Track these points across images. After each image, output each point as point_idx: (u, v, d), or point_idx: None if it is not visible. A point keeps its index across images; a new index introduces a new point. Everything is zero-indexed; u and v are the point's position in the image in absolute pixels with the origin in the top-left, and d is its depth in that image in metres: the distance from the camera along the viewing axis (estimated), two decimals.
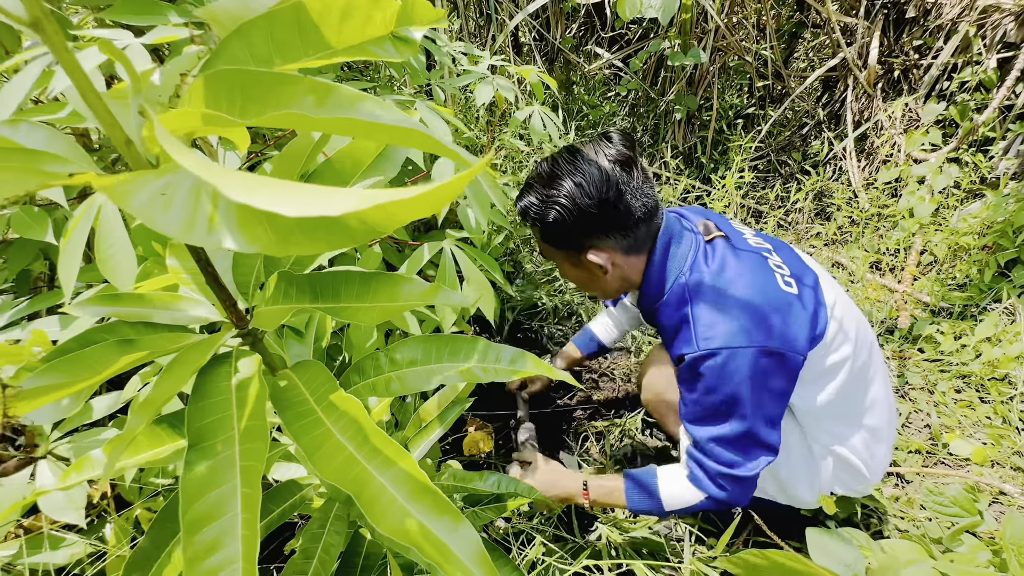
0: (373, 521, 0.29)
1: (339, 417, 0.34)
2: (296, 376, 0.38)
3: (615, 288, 1.04)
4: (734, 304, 0.91)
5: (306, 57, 0.38)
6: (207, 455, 0.31)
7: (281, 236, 0.22)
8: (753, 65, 3.01)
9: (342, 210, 0.16)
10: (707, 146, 2.96)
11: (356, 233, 0.20)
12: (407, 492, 0.30)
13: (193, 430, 0.31)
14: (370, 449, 0.32)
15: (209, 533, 0.29)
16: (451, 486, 0.62)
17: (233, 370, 0.35)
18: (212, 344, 0.36)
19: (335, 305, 0.34)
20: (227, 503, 0.30)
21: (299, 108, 0.28)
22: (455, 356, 0.49)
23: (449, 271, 0.81)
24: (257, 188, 0.17)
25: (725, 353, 0.88)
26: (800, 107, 3.35)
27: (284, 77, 0.28)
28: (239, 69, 0.27)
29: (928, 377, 1.72)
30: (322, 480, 0.30)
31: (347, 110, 0.28)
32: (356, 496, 0.30)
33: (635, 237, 0.95)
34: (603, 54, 3.49)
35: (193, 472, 0.30)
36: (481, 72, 1.47)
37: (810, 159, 3.01)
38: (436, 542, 0.29)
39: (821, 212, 2.63)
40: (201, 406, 0.33)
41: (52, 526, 0.69)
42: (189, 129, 0.29)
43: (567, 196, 0.90)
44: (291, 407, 0.35)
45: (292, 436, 0.32)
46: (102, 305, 0.40)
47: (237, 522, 0.30)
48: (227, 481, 0.31)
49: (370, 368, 0.48)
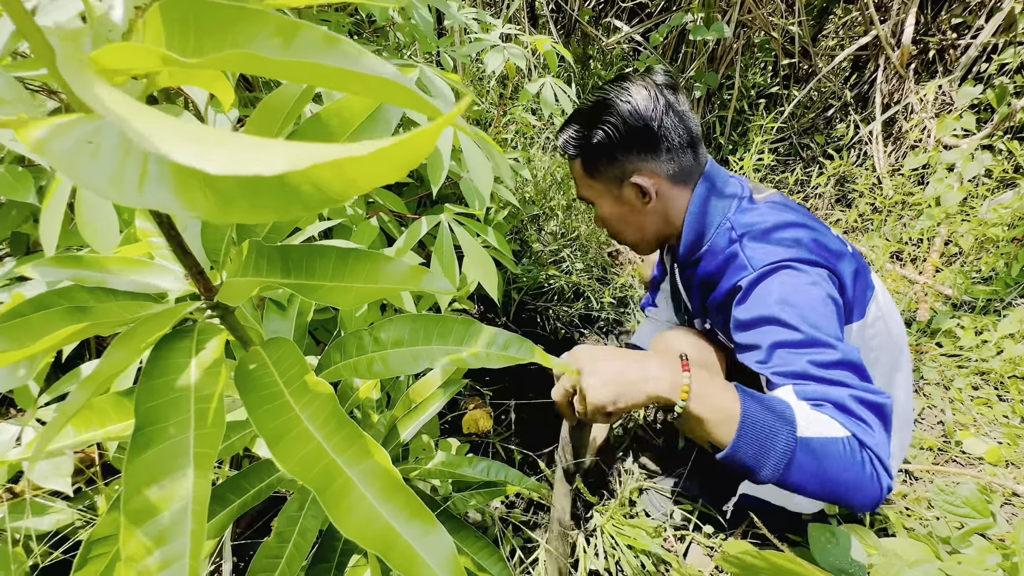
0: (337, 521, 0.25)
1: (309, 402, 0.31)
2: (267, 355, 0.35)
3: (657, 229, 0.98)
4: (790, 237, 0.84)
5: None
6: (157, 439, 0.28)
7: (222, 200, 0.18)
8: (779, 42, 2.88)
9: (276, 168, 0.12)
10: (726, 126, 2.85)
11: (309, 199, 0.16)
12: (377, 489, 0.27)
13: (143, 411, 0.28)
14: (341, 439, 0.29)
15: (154, 526, 0.26)
16: (440, 471, 0.59)
17: (195, 345, 0.32)
18: (172, 316, 0.33)
19: (308, 282, 0.31)
20: (177, 493, 0.27)
21: (262, 48, 0.23)
22: (444, 338, 0.45)
23: (446, 247, 0.77)
24: (180, 137, 0.14)
25: (785, 263, 0.79)
26: (827, 87, 3.21)
27: (247, 11, 0.23)
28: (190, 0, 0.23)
29: (945, 372, 1.66)
30: (283, 469, 0.27)
31: (317, 54, 0.23)
32: (321, 491, 0.27)
33: (680, 164, 0.92)
34: (622, 27, 3.36)
35: (140, 458, 0.27)
36: (492, 39, 1.40)
37: (834, 143, 2.89)
38: (405, 548, 0.26)
39: (842, 198, 2.54)
40: (154, 384, 0.30)
41: (38, 492, 0.68)
42: (131, 69, 0.25)
43: (614, 114, 0.89)
44: (257, 389, 0.32)
45: (255, 421, 0.29)
46: (58, 267, 0.37)
47: (188, 514, 0.27)
48: (178, 468, 0.28)
49: (352, 347, 0.45)
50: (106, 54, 0.23)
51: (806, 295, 0.77)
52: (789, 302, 0.76)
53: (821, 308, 0.76)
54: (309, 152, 0.13)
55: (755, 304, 0.80)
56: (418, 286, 0.32)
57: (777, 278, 0.80)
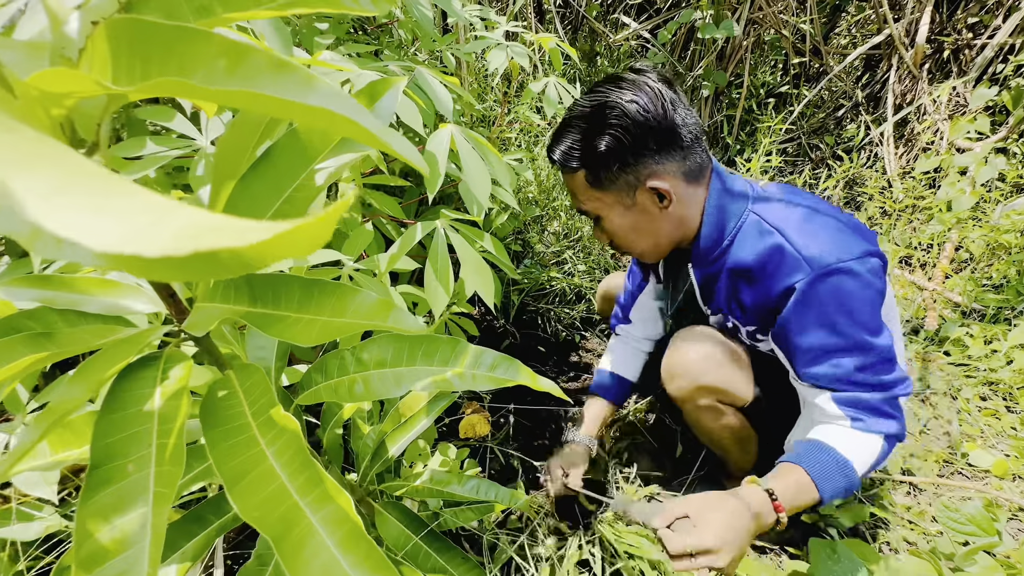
0: (293, 570, 0.24)
1: (276, 437, 0.30)
2: (238, 382, 0.33)
3: (670, 234, 0.92)
4: (823, 225, 0.83)
5: (257, 7, 0.32)
6: (115, 478, 0.27)
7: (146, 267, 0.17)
8: (790, 40, 2.83)
9: (159, 250, 0.11)
10: (734, 126, 2.81)
11: (231, 266, 0.14)
12: (339, 538, 0.25)
13: (100, 447, 0.27)
14: (304, 480, 0.27)
15: (109, 570, 0.25)
16: (428, 489, 0.58)
17: (160, 375, 0.31)
18: (139, 342, 0.31)
19: (273, 312, 0.29)
20: (132, 536, 0.26)
21: (207, 73, 0.22)
22: (429, 359, 0.44)
23: (441, 253, 0.76)
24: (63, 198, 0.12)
25: (841, 267, 0.79)
26: (838, 87, 3.16)
27: (190, 32, 0.22)
28: (133, 19, 0.22)
29: (952, 382, 1.63)
30: (240, 515, 0.26)
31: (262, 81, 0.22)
32: (279, 539, 0.25)
33: (694, 160, 0.87)
34: (630, 23, 3.32)
35: (94, 499, 0.26)
36: (496, 38, 1.38)
37: (844, 144, 2.85)
38: None
39: (851, 201, 2.50)
40: (114, 418, 0.28)
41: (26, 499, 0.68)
42: (73, 93, 0.24)
43: (621, 116, 0.82)
44: (223, 422, 0.30)
45: (215, 457, 0.28)
46: (27, 287, 0.36)
47: (144, 559, 0.25)
48: (135, 508, 0.26)
49: (334, 368, 0.43)
50: (43, 79, 0.21)
51: (859, 300, 0.80)
52: (843, 310, 0.80)
53: (870, 309, 0.81)
54: (198, 234, 0.11)
55: (809, 309, 0.82)
56: (386, 321, 0.30)
57: (833, 282, 0.79)
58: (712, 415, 1.00)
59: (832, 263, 0.79)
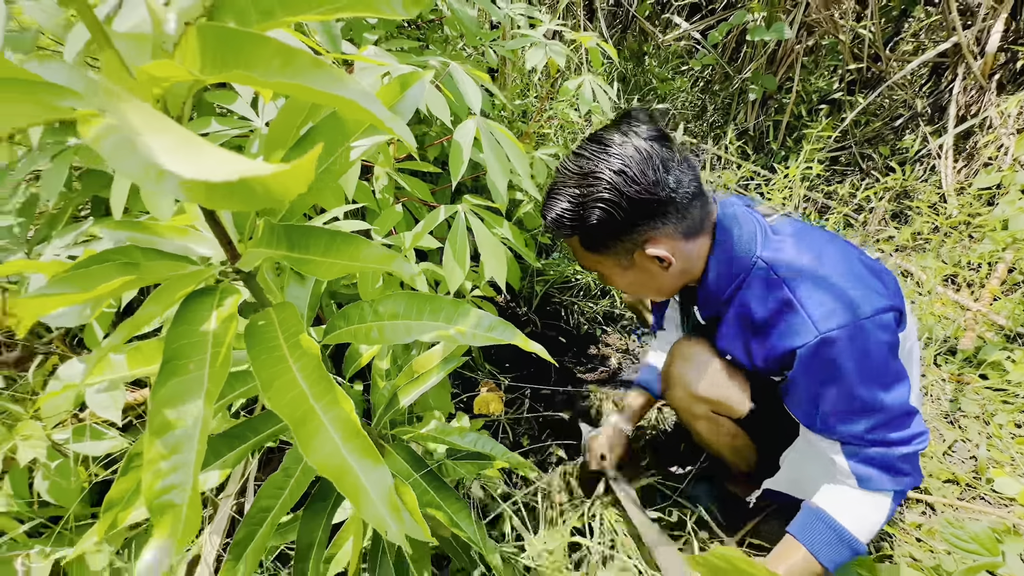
0: (305, 452, 0.32)
1: (300, 356, 0.37)
2: (275, 314, 0.41)
3: (675, 284, 0.92)
4: (834, 274, 0.81)
5: (310, 10, 0.40)
6: (179, 372, 0.35)
7: (209, 193, 0.24)
8: (847, 45, 2.73)
9: (221, 177, 0.18)
10: (780, 132, 2.75)
11: (260, 197, 0.21)
12: (342, 432, 0.33)
13: (171, 349, 0.36)
14: (320, 389, 0.35)
15: (171, 439, 0.33)
16: (431, 436, 0.65)
17: (217, 302, 0.39)
18: (201, 275, 0.40)
19: (303, 256, 0.37)
20: (190, 415, 0.34)
21: (266, 68, 0.29)
22: (435, 316, 0.51)
23: (460, 236, 0.83)
24: (170, 149, 0.19)
25: (849, 329, 0.77)
26: (898, 96, 3.03)
27: (256, 38, 0.29)
28: (216, 25, 0.29)
29: (986, 407, 1.58)
30: (271, 408, 0.34)
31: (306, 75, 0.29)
32: (298, 427, 0.33)
33: (692, 217, 0.84)
34: (681, 24, 3.28)
35: (166, 385, 0.34)
36: (535, 36, 1.44)
37: (898, 155, 2.73)
38: (355, 479, 0.32)
39: (899, 214, 2.41)
40: (182, 330, 0.37)
41: (97, 421, 0.80)
42: (171, 78, 0.32)
43: (609, 188, 0.79)
44: (262, 343, 0.38)
45: (255, 367, 0.36)
46: (120, 229, 0.45)
47: (196, 433, 0.34)
48: (193, 398, 0.35)
49: (355, 316, 0.51)
50: (153, 68, 0.29)
51: (870, 359, 0.79)
52: (852, 372, 0.78)
53: (882, 365, 0.80)
54: (239, 167, 0.18)
55: (816, 372, 0.80)
56: (389, 266, 0.37)
57: (841, 345, 0.77)
58: (707, 424, 1.03)
59: (840, 324, 0.77)
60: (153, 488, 0.32)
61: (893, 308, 0.81)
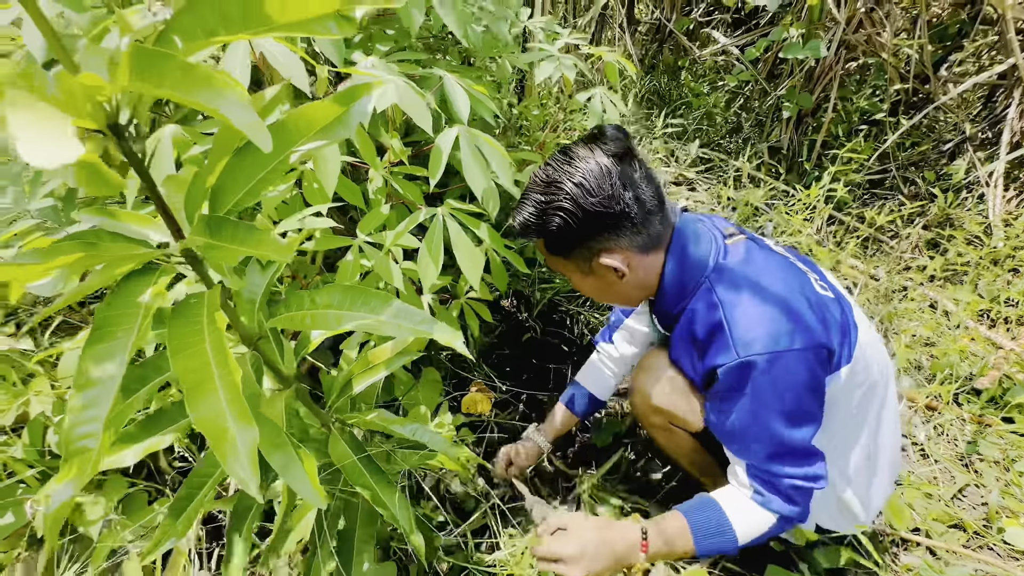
0: (192, 410, 0.37)
1: (214, 331, 0.43)
2: (207, 295, 0.47)
3: (633, 295, 0.97)
4: (769, 301, 0.83)
5: (246, 30, 0.45)
6: (107, 339, 0.41)
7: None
8: (892, 64, 2.62)
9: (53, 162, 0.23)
10: (815, 151, 2.66)
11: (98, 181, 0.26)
12: (228, 395, 0.38)
13: (103, 317, 0.42)
14: (220, 359, 0.40)
15: (90, 393, 0.39)
16: (372, 422, 0.70)
17: (154, 279, 0.45)
18: (142, 256, 0.46)
19: (216, 243, 0.42)
20: (108, 376, 0.40)
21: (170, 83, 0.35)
22: (366, 307, 0.55)
23: (436, 235, 0.88)
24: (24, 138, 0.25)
25: (767, 357, 0.80)
26: (947, 119, 2.87)
27: (165, 56, 0.35)
28: (141, 47, 0.35)
29: (1008, 452, 1.48)
30: (175, 371, 0.39)
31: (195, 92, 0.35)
32: (193, 388, 0.38)
33: (649, 232, 0.88)
34: (720, 39, 3.24)
35: (94, 348, 0.40)
36: (550, 50, 1.47)
37: (942, 181, 2.59)
38: (232, 438, 0.36)
39: (934, 243, 2.29)
40: (118, 300, 0.43)
41: None
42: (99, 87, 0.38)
43: (568, 198, 0.84)
44: (185, 315, 0.44)
45: (169, 334, 0.41)
46: (95, 215, 0.52)
47: (112, 390, 0.39)
48: (116, 358, 0.40)
49: (294, 304, 0.56)
50: (83, 78, 0.35)
51: (779, 391, 0.82)
52: (763, 399, 0.83)
53: (793, 400, 0.83)
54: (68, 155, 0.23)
55: (731, 389, 0.85)
56: (288, 255, 0.42)
57: (758, 371, 0.81)
58: (664, 434, 1.06)
59: (759, 351, 0.80)
60: (72, 434, 0.38)
61: (821, 346, 0.82)
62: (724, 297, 0.86)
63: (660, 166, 2.71)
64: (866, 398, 0.94)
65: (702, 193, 2.60)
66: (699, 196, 2.53)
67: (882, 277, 2.03)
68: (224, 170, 0.50)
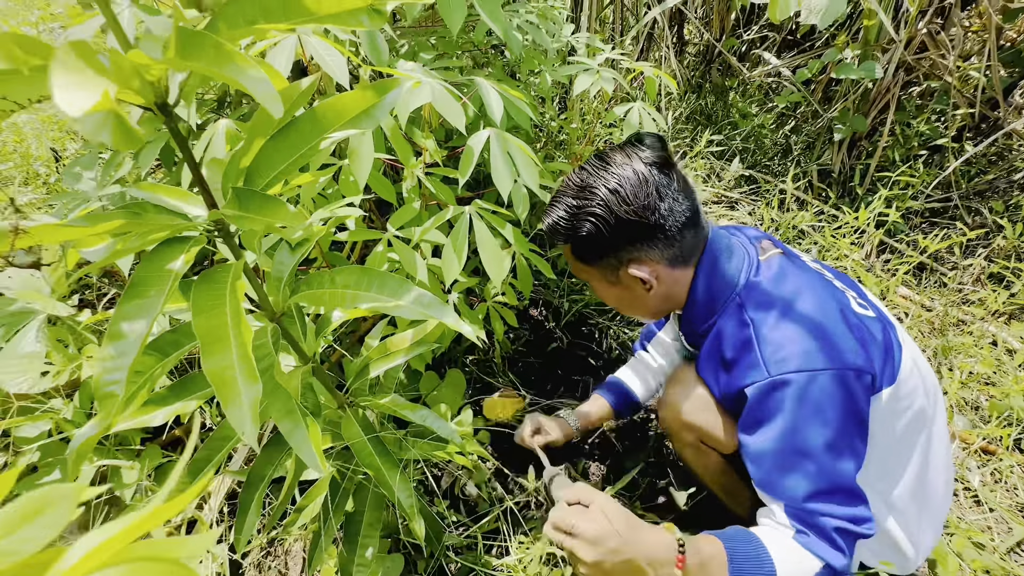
0: (205, 359, 0.39)
1: (233, 297, 0.46)
2: (234, 267, 0.50)
3: (658, 308, 0.94)
4: (804, 320, 0.78)
5: (285, 20, 0.49)
6: (141, 296, 0.45)
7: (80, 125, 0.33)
8: (956, 87, 2.49)
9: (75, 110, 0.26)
10: (868, 176, 2.55)
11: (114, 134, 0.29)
12: (239, 352, 0.40)
13: (139, 276, 0.45)
14: (236, 321, 0.43)
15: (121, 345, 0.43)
16: (385, 405, 0.71)
17: (187, 248, 0.49)
18: (179, 227, 0.50)
19: (243, 214, 0.45)
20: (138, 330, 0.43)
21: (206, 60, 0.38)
22: (381, 290, 0.58)
23: (461, 233, 0.90)
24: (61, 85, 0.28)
25: (803, 376, 0.74)
26: (1019, 148, 2.69)
27: (202, 36, 0.38)
28: (184, 28, 0.39)
29: None
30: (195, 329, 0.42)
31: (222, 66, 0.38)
32: (211, 343, 0.41)
33: (680, 246, 0.86)
34: (771, 60, 3.18)
35: (128, 303, 0.44)
36: (590, 64, 1.50)
37: (1012, 212, 2.42)
38: (235, 387, 0.39)
39: (999, 277, 2.13)
40: (153, 264, 0.46)
41: None
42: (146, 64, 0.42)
43: (602, 205, 0.82)
44: (212, 282, 0.47)
45: (194, 298, 0.44)
46: (143, 190, 0.57)
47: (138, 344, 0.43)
48: (147, 316, 0.44)
49: (316, 283, 0.59)
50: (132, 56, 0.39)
51: (820, 413, 0.75)
52: (797, 423, 0.76)
53: (835, 426, 0.76)
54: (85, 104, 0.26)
55: (763, 417, 0.79)
56: (302, 223, 0.44)
57: (792, 389, 0.75)
58: (694, 452, 1.01)
59: (792, 369, 0.75)
60: (101, 379, 0.42)
61: (861, 369, 0.76)
62: (755, 315, 0.82)
63: (700, 183, 2.66)
64: (913, 424, 0.87)
65: (743, 213, 2.54)
66: (739, 215, 2.47)
67: (937, 308, 1.90)
68: (259, 153, 0.54)
